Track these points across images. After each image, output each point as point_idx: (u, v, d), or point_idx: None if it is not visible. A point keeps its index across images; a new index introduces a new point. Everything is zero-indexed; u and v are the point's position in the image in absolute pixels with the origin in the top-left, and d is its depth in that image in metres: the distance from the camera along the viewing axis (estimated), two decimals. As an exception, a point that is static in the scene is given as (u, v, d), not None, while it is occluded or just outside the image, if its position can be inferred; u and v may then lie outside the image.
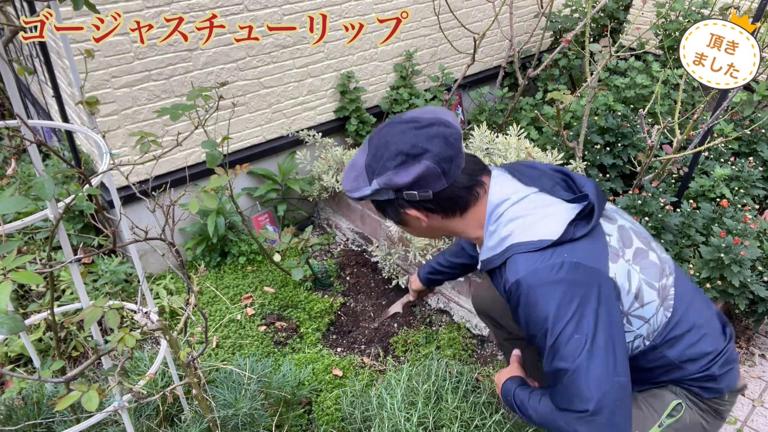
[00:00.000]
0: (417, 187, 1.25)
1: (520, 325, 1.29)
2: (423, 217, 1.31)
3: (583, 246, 1.24)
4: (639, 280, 1.29)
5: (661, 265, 1.36)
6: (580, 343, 1.16)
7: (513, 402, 1.41)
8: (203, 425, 1.67)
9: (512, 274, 1.24)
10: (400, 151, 1.23)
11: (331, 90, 3.06)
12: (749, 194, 2.64)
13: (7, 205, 1.06)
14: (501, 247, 1.27)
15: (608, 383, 1.16)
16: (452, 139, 1.24)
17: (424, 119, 1.26)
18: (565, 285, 1.19)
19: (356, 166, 1.30)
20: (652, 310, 1.30)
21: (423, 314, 2.62)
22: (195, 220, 2.78)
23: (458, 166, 1.26)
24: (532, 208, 1.28)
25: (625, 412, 1.18)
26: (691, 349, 1.32)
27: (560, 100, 2.38)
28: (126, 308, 1.65)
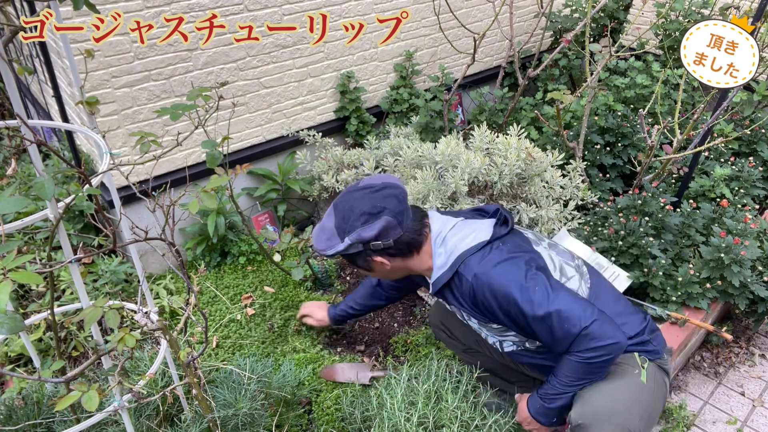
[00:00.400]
0: (381, 237, 1.57)
1: (492, 310, 1.56)
2: (386, 261, 1.63)
3: (510, 238, 1.64)
4: (558, 260, 1.68)
5: (569, 252, 1.76)
6: (543, 290, 1.49)
7: (543, 404, 1.63)
8: (203, 425, 1.67)
9: (469, 272, 1.56)
10: (364, 212, 1.57)
11: (331, 90, 3.06)
12: (749, 194, 2.64)
13: (7, 205, 1.06)
14: (450, 261, 1.59)
15: (580, 302, 1.49)
16: (401, 197, 1.61)
17: (377, 185, 1.62)
18: (510, 260, 1.55)
19: (326, 229, 1.63)
20: (576, 283, 1.64)
21: (423, 314, 2.62)
22: (195, 220, 2.78)
23: (408, 216, 1.61)
24: (463, 228, 1.64)
25: (604, 316, 1.49)
26: (617, 316, 1.60)
27: (560, 100, 2.38)
28: (126, 308, 1.65)
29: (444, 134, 3.13)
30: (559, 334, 1.47)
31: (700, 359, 2.47)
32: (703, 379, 2.39)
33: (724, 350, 2.51)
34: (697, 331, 2.28)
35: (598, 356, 1.47)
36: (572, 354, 1.51)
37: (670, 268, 2.24)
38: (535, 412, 1.66)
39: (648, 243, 2.22)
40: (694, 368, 2.43)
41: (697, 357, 2.48)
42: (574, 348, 1.49)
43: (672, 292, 2.18)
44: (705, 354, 2.49)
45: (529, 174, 2.39)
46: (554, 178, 2.39)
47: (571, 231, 2.40)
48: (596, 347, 1.46)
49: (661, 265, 2.19)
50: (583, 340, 1.46)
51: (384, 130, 3.21)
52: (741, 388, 2.35)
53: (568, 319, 1.46)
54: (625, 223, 2.30)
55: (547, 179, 2.40)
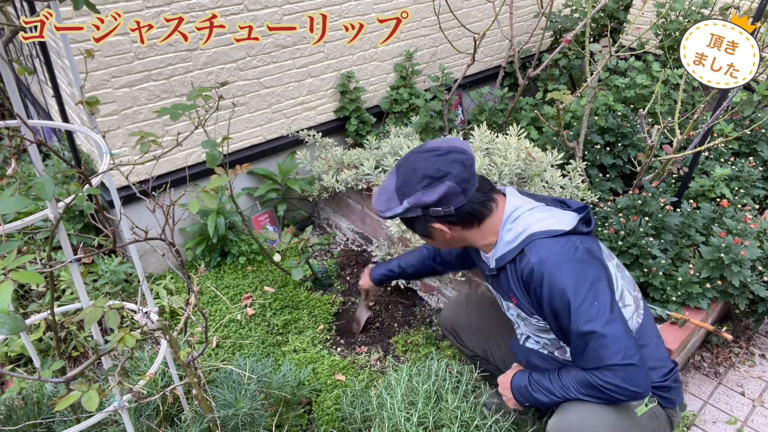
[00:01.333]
0: (441, 204, 1.48)
1: (541, 302, 1.46)
2: (446, 229, 1.54)
3: (589, 239, 1.51)
4: (622, 284, 1.56)
5: (632, 280, 1.65)
6: (600, 309, 1.38)
7: (528, 387, 1.56)
8: (203, 425, 1.67)
9: (534, 255, 1.45)
10: (426, 175, 1.47)
11: (331, 90, 3.06)
12: (749, 194, 2.64)
13: (7, 205, 1.06)
14: (519, 239, 1.48)
15: (629, 339, 1.38)
16: (468, 163, 1.49)
17: (443, 148, 1.50)
18: (582, 263, 1.42)
19: (387, 189, 1.54)
20: (630, 313, 1.55)
21: (423, 314, 2.62)
22: (195, 220, 2.78)
23: (473, 185, 1.50)
24: (543, 212, 1.53)
25: (645, 366, 1.39)
26: (652, 359, 1.57)
27: (560, 100, 2.38)
28: (126, 308, 1.65)
29: (444, 134, 3.13)
30: (591, 355, 1.40)
31: (700, 359, 2.47)
32: (703, 379, 2.39)
33: (724, 350, 2.51)
34: (697, 331, 2.28)
35: (614, 392, 1.39)
36: (592, 373, 1.42)
37: (670, 268, 2.24)
38: (516, 388, 1.60)
39: (648, 243, 2.22)
40: (694, 368, 2.43)
41: (697, 357, 2.48)
42: (598, 373, 1.41)
43: (672, 292, 2.18)
44: (705, 354, 2.49)
45: (529, 174, 2.39)
46: (554, 178, 2.39)
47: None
48: (618, 385, 1.38)
49: (661, 265, 2.19)
50: (608, 373, 1.38)
51: (384, 130, 3.21)
52: (741, 388, 2.35)
53: (608, 348, 1.37)
54: (625, 223, 2.30)
55: (547, 179, 2.40)
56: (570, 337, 1.43)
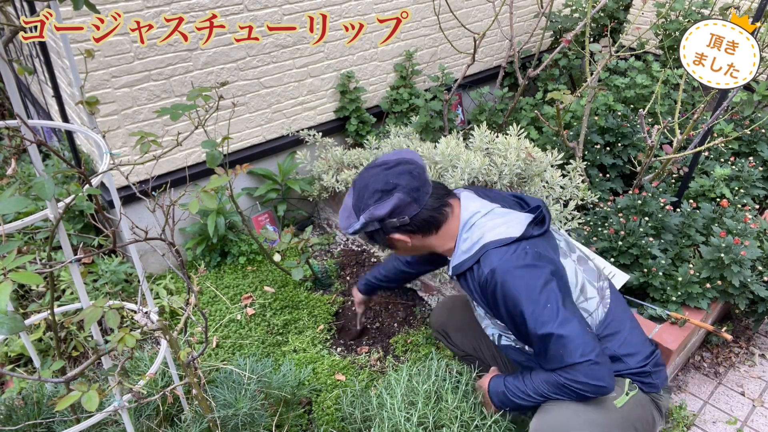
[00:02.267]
0: (394, 215, 1.53)
1: (498, 309, 1.52)
2: (406, 238, 1.59)
3: (540, 241, 1.54)
4: (582, 278, 1.59)
5: (598, 272, 1.67)
6: (554, 309, 1.42)
7: (506, 392, 1.60)
8: (203, 425, 1.67)
9: (487, 265, 1.50)
10: (377, 189, 1.53)
11: (331, 90, 3.06)
12: (749, 194, 2.64)
13: (7, 205, 1.06)
14: (474, 248, 1.53)
15: (585, 336, 1.43)
16: (416, 173, 1.54)
17: (392, 161, 1.57)
18: (531, 268, 1.46)
19: (346, 207, 1.61)
20: (594, 305, 1.58)
21: (423, 314, 2.62)
22: (195, 220, 2.78)
23: (426, 193, 1.55)
24: (497, 217, 1.57)
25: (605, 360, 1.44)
26: (627, 345, 1.59)
27: (560, 100, 2.38)
28: (126, 308, 1.65)
29: (444, 134, 3.13)
30: (552, 355, 1.44)
31: (700, 359, 2.47)
32: (703, 379, 2.39)
33: (724, 350, 2.51)
34: (697, 331, 2.28)
35: (579, 388, 1.44)
36: (557, 373, 1.47)
37: (670, 268, 2.24)
38: (493, 394, 1.64)
39: (648, 243, 2.22)
40: (694, 368, 2.43)
41: (697, 357, 2.48)
42: (562, 372, 1.45)
43: (672, 292, 2.18)
44: (705, 354, 2.49)
45: (529, 174, 2.39)
46: (554, 178, 2.39)
47: (571, 231, 2.40)
48: (582, 381, 1.43)
49: (661, 265, 2.19)
50: (571, 371, 1.43)
51: (384, 130, 3.21)
52: (741, 388, 2.35)
53: (565, 347, 1.41)
54: (625, 223, 2.30)
55: (547, 179, 2.40)
56: (530, 340, 1.48)
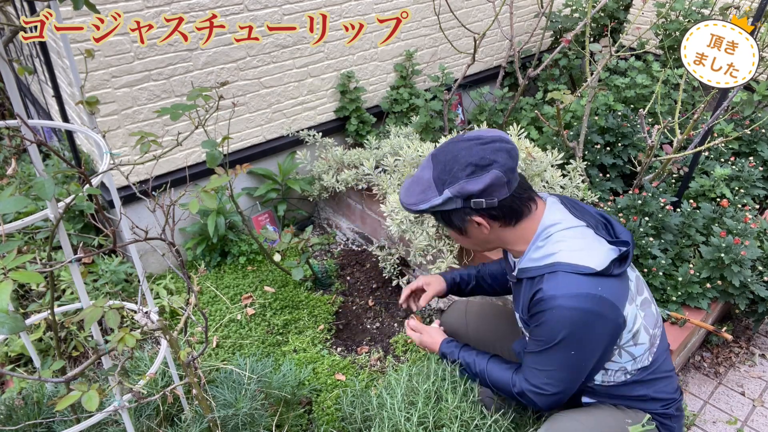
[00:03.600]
0: (485, 194, 1.38)
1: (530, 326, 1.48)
2: (486, 224, 1.44)
3: (615, 284, 1.39)
4: (641, 323, 1.46)
5: (656, 317, 1.55)
6: (574, 358, 1.40)
7: (457, 360, 1.68)
8: (203, 425, 1.67)
9: (551, 287, 1.37)
10: (470, 163, 1.36)
11: (331, 90, 3.06)
12: (749, 194, 2.64)
13: (8, 205, 1.06)
14: (545, 261, 1.40)
15: (571, 385, 1.46)
16: (513, 153, 1.40)
17: (487, 137, 1.41)
18: (591, 314, 1.35)
19: (421, 180, 1.44)
20: (641, 351, 1.48)
21: (423, 314, 2.62)
22: (195, 220, 2.78)
23: (516, 179, 1.42)
24: (580, 238, 1.42)
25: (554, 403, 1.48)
26: (660, 392, 1.55)
27: (560, 99, 2.37)
28: (126, 308, 1.65)
29: (444, 134, 3.13)
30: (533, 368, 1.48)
31: (700, 359, 2.47)
32: (703, 379, 2.39)
33: (724, 350, 2.51)
34: (697, 331, 2.28)
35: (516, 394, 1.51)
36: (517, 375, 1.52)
37: (670, 268, 2.24)
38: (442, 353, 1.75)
39: (648, 243, 2.22)
40: (694, 368, 2.43)
41: (697, 357, 2.48)
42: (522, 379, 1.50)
43: (672, 292, 2.18)
44: (705, 354, 2.49)
45: (530, 174, 2.39)
46: (554, 177, 2.39)
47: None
48: (526, 397, 1.49)
49: (661, 265, 2.19)
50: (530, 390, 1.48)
51: (384, 130, 3.21)
52: (741, 388, 2.35)
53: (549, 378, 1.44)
54: (625, 222, 2.30)
55: (547, 179, 2.40)
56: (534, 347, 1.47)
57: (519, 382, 1.51)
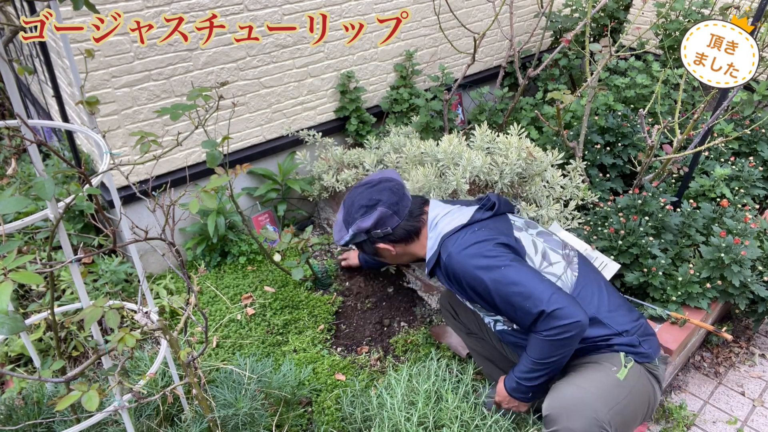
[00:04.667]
0: (379, 226, 1.78)
1: (462, 287, 1.67)
2: (390, 247, 1.84)
3: (491, 223, 1.75)
4: (543, 246, 1.75)
5: (563, 243, 1.82)
6: (510, 269, 1.58)
7: (518, 381, 1.68)
8: (203, 425, 1.67)
9: (444, 252, 1.69)
10: (362, 205, 1.80)
11: (331, 90, 3.06)
12: (749, 194, 2.63)
13: (8, 205, 1.06)
14: (436, 244, 1.73)
15: (542, 282, 1.57)
16: (396, 189, 1.81)
17: (374, 180, 1.85)
18: (480, 243, 1.64)
19: (338, 222, 1.89)
20: (560, 268, 1.71)
21: (423, 314, 2.62)
22: (195, 220, 2.78)
23: (405, 206, 1.80)
24: (453, 213, 1.78)
25: (567, 299, 1.55)
26: (607, 305, 1.68)
27: (560, 99, 2.37)
28: (126, 308, 1.65)
29: (444, 134, 3.13)
30: (520, 312, 1.57)
31: (700, 359, 2.47)
32: (703, 379, 2.39)
33: (724, 350, 2.51)
34: (697, 331, 2.28)
35: (559, 334, 1.54)
36: (537, 332, 1.58)
37: (670, 267, 2.24)
38: (511, 390, 1.71)
39: (648, 243, 2.22)
40: (694, 368, 2.43)
41: (697, 357, 2.48)
42: (538, 327, 1.57)
43: (672, 292, 2.18)
44: (705, 354, 2.49)
45: (530, 173, 2.39)
46: (554, 177, 2.39)
47: (572, 230, 2.40)
48: (557, 326, 1.53)
49: (661, 265, 2.19)
50: (544, 320, 1.54)
51: (384, 129, 3.21)
52: (741, 388, 2.35)
53: (528, 298, 1.54)
54: (625, 222, 2.30)
55: (547, 179, 2.40)
56: (498, 306, 1.61)
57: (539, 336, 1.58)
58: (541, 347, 1.59)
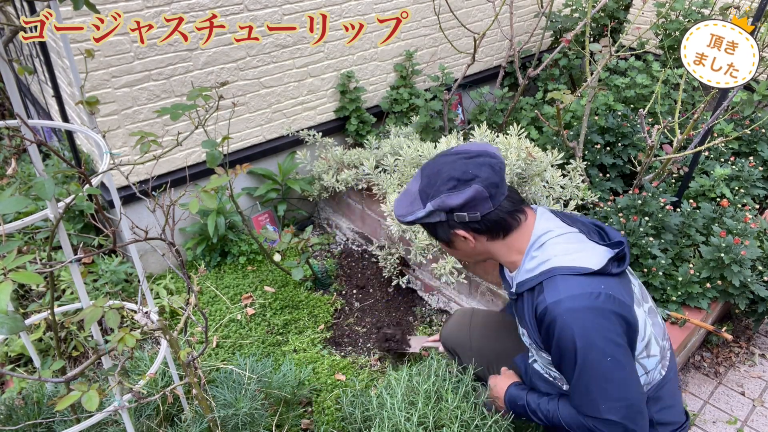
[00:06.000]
0: (467, 208, 1.38)
1: (549, 344, 1.38)
2: (471, 237, 1.44)
3: (617, 283, 1.35)
4: (651, 332, 1.42)
5: (663, 328, 1.52)
6: (614, 364, 1.29)
7: (525, 407, 1.55)
8: (203, 425, 1.67)
9: (551, 295, 1.33)
10: (452, 177, 1.37)
11: (331, 90, 3.06)
12: (749, 194, 2.64)
13: (8, 205, 1.06)
14: (541, 269, 1.38)
15: (637, 398, 1.33)
16: (498, 167, 1.40)
17: (473, 151, 1.42)
18: (599, 314, 1.29)
19: (410, 193, 1.46)
20: (654, 363, 1.43)
21: (423, 314, 2.62)
22: (195, 220, 2.78)
23: (502, 192, 1.40)
24: (573, 242, 1.41)
25: (644, 424, 1.34)
26: (667, 413, 1.49)
27: (560, 99, 2.37)
28: (126, 308, 1.65)
29: (444, 134, 3.13)
30: (588, 400, 1.35)
31: (700, 359, 2.47)
32: (703, 379, 2.39)
33: (724, 350, 2.51)
34: (697, 331, 2.28)
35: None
36: (589, 419, 1.37)
37: (670, 267, 2.24)
38: (509, 401, 1.60)
39: (648, 243, 2.22)
40: (694, 368, 2.43)
41: (697, 357, 2.48)
42: (595, 422, 1.36)
43: (672, 292, 2.18)
44: (705, 354, 2.49)
45: (530, 174, 2.39)
46: (554, 177, 2.39)
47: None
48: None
49: (661, 265, 2.19)
50: (610, 425, 1.34)
51: (384, 129, 3.21)
52: (741, 387, 2.35)
53: (607, 400, 1.32)
54: (625, 222, 2.30)
55: (547, 179, 2.40)
56: (571, 380, 1.38)
57: (583, 420, 1.39)
58: (578, 426, 1.40)
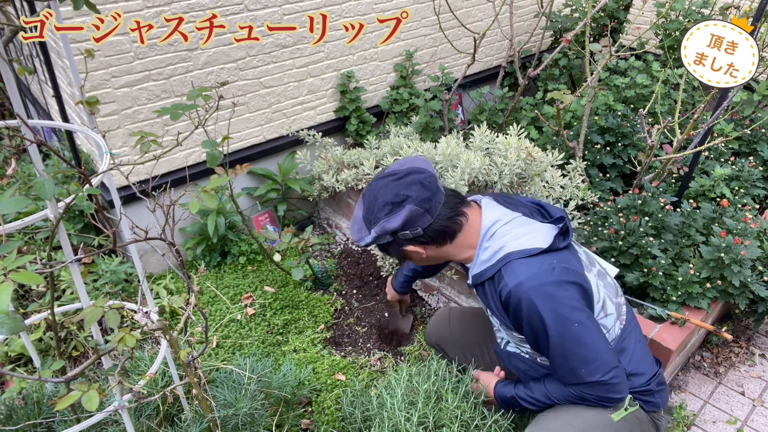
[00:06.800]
0: (407, 227, 1.47)
1: (520, 323, 1.47)
2: (420, 249, 1.53)
3: (566, 255, 1.48)
4: (603, 293, 1.55)
5: (615, 287, 1.64)
6: (582, 328, 1.41)
7: (515, 398, 1.63)
8: (203, 425, 1.67)
9: (511, 279, 1.43)
10: (387, 202, 1.46)
11: (331, 90, 3.06)
12: (749, 194, 2.63)
13: (8, 205, 1.06)
14: (495, 258, 1.47)
15: (608, 354, 1.44)
16: (427, 182, 1.48)
17: (401, 171, 1.51)
18: (558, 286, 1.41)
19: (357, 220, 1.56)
20: (612, 321, 1.55)
21: (423, 314, 2.62)
22: (195, 220, 2.78)
23: (438, 202, 1.48)
24: (519, 226, 1.51)
25: (623, 375, 1.47)
26: (636, 363, 1.58)
27: (560, 99, 2.38)
28: (126, 308, 1.65)
29: (444, 134, 3.13)
30: (571, 372, 1.46)
31: (700, 359, 2.47)
32: (703, 379, 2.39)
33: (724, 350, 2.51)
34: (697, 331, 2.28)
35: (594, 400, 1.48)
36: (573, 387, 1.49)
37: (670, 267, 2.24)
38: (500, 398, 1.68)
39: (648, 243, 2.22)
40: (694, 368, 2.43)
41: (697, 357, 2.48)
42: (582, 388, 1.47)
43: (672, 292, 2.18)
44: (705, 354, 2.49)
45: (530, 174, 2.39)
46: (554, 177, 2.39)
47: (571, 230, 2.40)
48: (603, 397, 1.46)
49: (661, 265, 2.19)
50: (593, 387, 1.45)
51: (384, 129, 3.21)
52: (741, 387, 2.35)
53: (587, 364, 1.43)
54: (625, 222, 2.30)
55: (547, 179, 2.40)
56: (549, 354, 1.47)
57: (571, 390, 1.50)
58: (567, 396, 1.51)
